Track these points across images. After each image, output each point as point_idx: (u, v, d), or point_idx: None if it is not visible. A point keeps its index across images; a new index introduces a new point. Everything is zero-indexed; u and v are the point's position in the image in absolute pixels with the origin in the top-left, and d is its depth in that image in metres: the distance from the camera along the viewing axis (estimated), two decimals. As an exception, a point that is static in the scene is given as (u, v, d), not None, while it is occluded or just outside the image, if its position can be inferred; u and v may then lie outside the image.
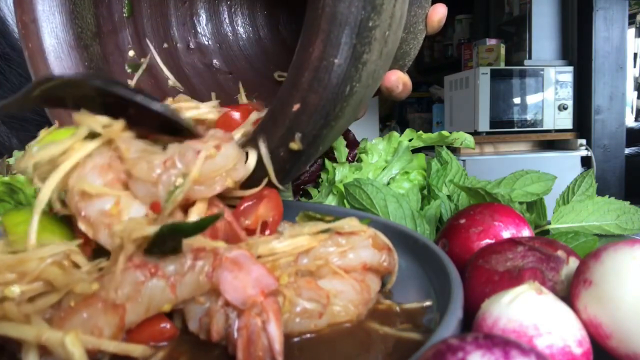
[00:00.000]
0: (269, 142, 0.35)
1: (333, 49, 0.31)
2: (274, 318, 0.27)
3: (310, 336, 0.29)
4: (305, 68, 0.32)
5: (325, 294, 0.30)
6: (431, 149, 0.67)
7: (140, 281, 0.27)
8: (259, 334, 0.26)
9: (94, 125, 0.32)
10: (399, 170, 0.61)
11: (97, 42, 0.51)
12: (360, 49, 0.31)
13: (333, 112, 0.33)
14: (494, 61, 2.63)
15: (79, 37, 0.49)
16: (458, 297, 0.29)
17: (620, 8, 2.45)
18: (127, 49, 0.54)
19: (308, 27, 0.31)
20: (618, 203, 0.55)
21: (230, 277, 0.28)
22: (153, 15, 0.56)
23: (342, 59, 0.31)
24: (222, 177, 0.32)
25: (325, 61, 0.31)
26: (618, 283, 0.26)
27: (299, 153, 0.34)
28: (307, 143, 0.34)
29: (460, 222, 0.42)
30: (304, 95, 0.32)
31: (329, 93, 0.32)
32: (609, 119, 2.48)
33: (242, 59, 0.60)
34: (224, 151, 0.32)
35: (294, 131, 0.33)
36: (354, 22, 0.30)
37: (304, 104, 0.32)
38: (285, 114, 0.33)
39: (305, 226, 0.33)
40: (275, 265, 0.31)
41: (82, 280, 0.26)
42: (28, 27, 0.47)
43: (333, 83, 0.31)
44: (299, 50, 0.32)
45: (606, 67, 2.46)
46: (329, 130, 0.34)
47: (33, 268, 0.27)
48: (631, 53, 4.10)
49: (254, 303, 0.27)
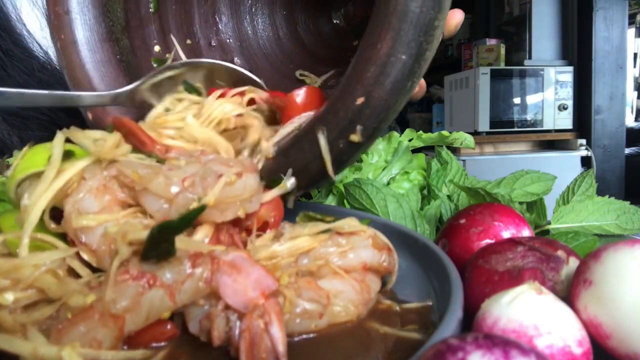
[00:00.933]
0: (329, 133, 0.35)
1: (402, 46, 0.32)
2: (277, 320, 0.26)
3: (310, 336, 0.29)
4: (372, 63, 0.33)
5: (326, 294, 0.30)
6: (431, 149, 0.67)
7: (139, 293, 0.26)
8: (262, 335, 0.26)
9: (84, 141, 0.31)
10: (399, 170, 0.61)
11: (125, 36, 0.52)
12: (425, 47, 0.32)
13: (393, 105, 0.34)
14: (494, 61, 2.63)
15: (110, 30, 0.50)
16: (458, 297, 0.29)
17: (620, 8, 2.45)
18: (153, 43, 0.55)
19: (377, 23, 0.32)
20: (618, 203, 0.55)
21: (230, 280, 0.27)
22: (177, 11, 0.57)
23: (409, 56, 0.32)
24: (235, 205, 0.31)
25: (393, 57, 0.32)
26: (618, 283, 0.26)
27: (358, 145, 0.35)
28: (367, 135, 0.35)
29: (460, 222, 0.42)
30: (369, 89, 0.33)
31: (394, 88, 0.33)
32: (609, 119, 2.48)
33: (262, 58, 0.62)
34: (245, 179, 0.32)
35: (355, 124, 0.34)
36: (423, 21, 0.31)
37: (369, 97, 0.33)
38: (347, 106, 0.34)
39: (306, 227, 0.33)
40: (276, 266, 0.31)
41: (76, 292, 0.26)
42: (61, 19, 0.47)
43: (398, 78, 0.33)
44: (364, 46, 0.33)
45: (606, 67, 2.46)
46: (386, 122, 0.35)
47: (27, 275, 0.26)
48: (631, 53, 4.10)
49: (256, 305, 0.27)
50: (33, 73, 0.70)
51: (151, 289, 0.26)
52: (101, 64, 0.49)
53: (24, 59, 0.70)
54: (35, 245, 0.30)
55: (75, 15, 0.47)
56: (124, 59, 0.51)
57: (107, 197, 0.30)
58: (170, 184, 0.29)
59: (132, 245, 0.27)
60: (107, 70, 0.49)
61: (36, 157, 0.32)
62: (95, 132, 0.33)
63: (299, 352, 0.28)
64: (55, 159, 0.30)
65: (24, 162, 0.32)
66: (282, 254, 0.31)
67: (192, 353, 0.28)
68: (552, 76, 2.47)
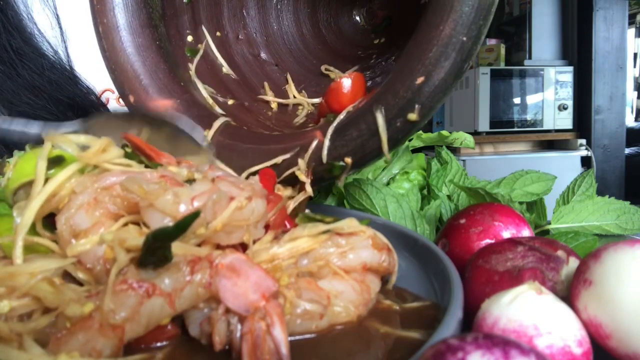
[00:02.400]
0: (387, 112, 0.36)
1: (463, 28, 0.33)
2: (278, 321, 0.26)
3: (311, 335, 0.29)
4: (433, 44, 0.34)
5: (326, 295, 0.30)
6: (431, 149, 0.66)
7: (139, 302, 0.26)
8: (264, 338, 0.26)
9: (68, 147, 0.31)
10: (398, 170, 0.61)
11: (162, 24, 0.53)
12: (482, 30, 0.33)
13: (450, 86, 0.35)
14: (494, 61, 2.63)
15: (150, 16, 0.51)
16: (458, 297, 0.29)
17: (620, 8, 2.44)
18: (186, 33, 0.56)
19: (439, 5, 0.34)
20: (618, 203, 0.55)
21: (230, 284, 0.27)
22: (208, 4, 0.59)
23: (469, 38, 0.33)
24: (242, 229, 0.31)
25: (455, 38, 0.33)
26: (618, 283, 0.26)
27: (414, 123, 0.36)
28: (423, 114, 0.35)
29: (460, 222, 0.42)
30: (429, 69, 0.34)
31: (453, 68, 0.34)
32: (609, 119, 2.48)
33: (287, 53, 0.64)
34: (254, 204, 0.31)
35: (414, 103, 0.35)
36: (484, 5, 0.33)
37: (429, 77, 0.34)
38: (407, 85, 0.35)
39: (305, 228, 0.33)
40: (276, 267, 0.31)
41: (73, 301, 0.25)
42: (104, 2, 0.48)
43: (458, 59, 0.34)
44: (425, 27, 0.34)
45: (606, 67, 2.46)
46: (440, 103, 0.36)
47: (22, 283, 0.26)
48: (631, 53, 4.10)
49: (257, 308, 0.27)
50: (43, 72, 0.70)
51: (150, 298, 0.26)
52: (143, 49, 0.50)
53: (34, 58, 0.70)
54: (31, 249, 0.30)
55: (118, 1, 0.48)
56: (162, 46, 0.52)
57: (98, 211, 0.30)
58: (178, 202, 0.28)
59: (130, 252, 0.27)
60: (148, 55, 0.50)
61: (27, 165, 0.32)
62: (80, 136, 0.32)
63: (299, 352, 0.28)
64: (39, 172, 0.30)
65: (16, 172, 0.32)
66: (282, 256, 0.31)
67: (193, 353, 0.28)
68: (552, 76, 2.47)
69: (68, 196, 0.30)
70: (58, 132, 0.39)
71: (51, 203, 0.30)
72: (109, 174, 0.31)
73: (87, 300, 0.26)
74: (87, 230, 0.29)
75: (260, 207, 0.32)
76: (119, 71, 0.49)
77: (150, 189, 0.29)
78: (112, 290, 0.26)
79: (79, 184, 0.30)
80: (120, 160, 0.33)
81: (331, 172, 0.40)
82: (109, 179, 0.30)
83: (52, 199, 0.30)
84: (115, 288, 0.26)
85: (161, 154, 0.36)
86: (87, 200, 0.30)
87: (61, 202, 0.30)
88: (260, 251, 0.31)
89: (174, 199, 0.28)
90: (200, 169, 0.34)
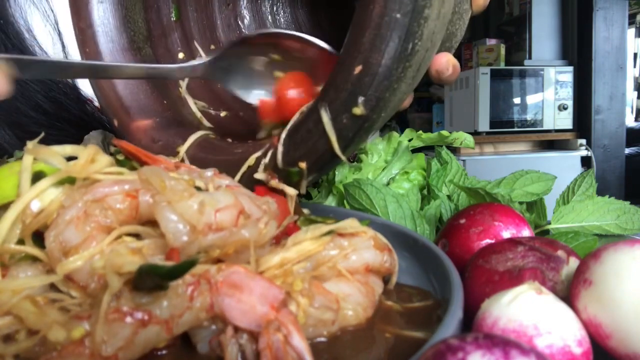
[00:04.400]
0: (331, 109, 0.34)
1: (394, 3, 0.30)
2: (295, 329, 0.25)
3: (321, 339, 0.29)
4: (366, 27, 0.31)
5: (335, 298, 0.29)
6: (431, 149, 0.66)
7: (133, 332, 0.24)
8: (285, 350, 0.24)
9: (53, 159, 0.28)
10: (398, 170, 0.61)
11: (148, 45, 0.53)
12: (422, 3, 0.30)
13: (396, 72, 0.32)
14: (494, 61, 2.63)
15: (132, 40, 0.51)
16: (458, 297, 0.29)
17: (620, 8, 2.44)
18: (177, 51, 0.56)
19: None
20: (618, 203, 0.55)
21: (234, 302, 0.25)
22: (199, 18, 0.58)
23: (404, 13, 0.30)
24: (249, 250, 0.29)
25: (387, 17, 0.30)
26: (618, 283, 0.26)
27: (362, 118, 0.33)
28: (370, 107, 0.33)
29: (460, 222, 0.42)
30: (366, 56, 0.31)
31: (395, 51, 0.31)
32: (609, 119, 2.48)
33: None
34: (270, 227, 0.30)
35: (356, 95, 0.32)
36: None
37: (366, 64, 0.31)
38: (346, 77, 0.32)
39: (307, 230, 0.32)
40: (287, 272, 0.30)
41: (57, 325, 0.23)
42: (85, 33, 0.49)
43: (395, 40, 0.30)
44: (358, 10, 0.32)
45: (606, 67, 2.46)
46: (392, 93, 0.33)
47: (4, 301, 0.24)
48: (631, 53, 4.10)
49: (269, 321, 0.25)
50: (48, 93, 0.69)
51: (146, 327, 0.24)
52: None
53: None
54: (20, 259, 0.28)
55: (97, 28, 0.49)
56: None
57: (89, 225, 0.27)
58: (202, 211, 0.26)
59: (123, 275, 0.25)
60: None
61: (5, 184, 0.30)
62: (66, 147, 0.30)
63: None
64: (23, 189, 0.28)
65: None
66: (291, 260, 0.30)
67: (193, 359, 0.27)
68: (552, 76, 2.47)
69: (56, 211, 0.28)
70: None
71: (39, 219, 0.28)
72: (99, 184, 0.29)
73: (77, 323, 0.24)
74: (77, 245, 0.27)
75: (273, 229, 0.30)
76: (103, 97, 0.50)
77: (171, 185, 0.27)
78: (105, 319, 0.23)
79: (67, 197, 0.28)
80: (111, 169, 0.31)
81: (290, 178, 0.39)
82: (99, 190, 0.28)
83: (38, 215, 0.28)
84: (108, 317, 0.24)
85: (158, 159, 0.35)
86: (77, 214, 0.27)
87: (49, 217, 0.28)
88: (269, 256, 0.30)
89: (199, 208, 0.26)
90: (202, 175, 0.33)
